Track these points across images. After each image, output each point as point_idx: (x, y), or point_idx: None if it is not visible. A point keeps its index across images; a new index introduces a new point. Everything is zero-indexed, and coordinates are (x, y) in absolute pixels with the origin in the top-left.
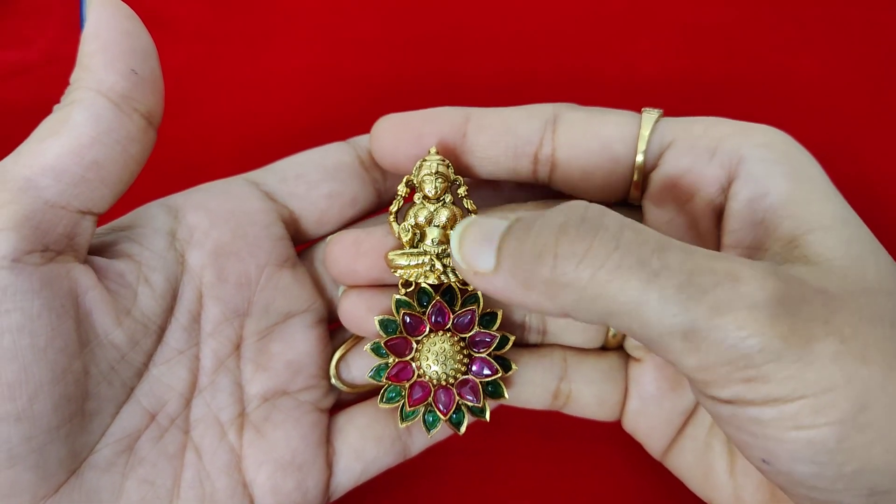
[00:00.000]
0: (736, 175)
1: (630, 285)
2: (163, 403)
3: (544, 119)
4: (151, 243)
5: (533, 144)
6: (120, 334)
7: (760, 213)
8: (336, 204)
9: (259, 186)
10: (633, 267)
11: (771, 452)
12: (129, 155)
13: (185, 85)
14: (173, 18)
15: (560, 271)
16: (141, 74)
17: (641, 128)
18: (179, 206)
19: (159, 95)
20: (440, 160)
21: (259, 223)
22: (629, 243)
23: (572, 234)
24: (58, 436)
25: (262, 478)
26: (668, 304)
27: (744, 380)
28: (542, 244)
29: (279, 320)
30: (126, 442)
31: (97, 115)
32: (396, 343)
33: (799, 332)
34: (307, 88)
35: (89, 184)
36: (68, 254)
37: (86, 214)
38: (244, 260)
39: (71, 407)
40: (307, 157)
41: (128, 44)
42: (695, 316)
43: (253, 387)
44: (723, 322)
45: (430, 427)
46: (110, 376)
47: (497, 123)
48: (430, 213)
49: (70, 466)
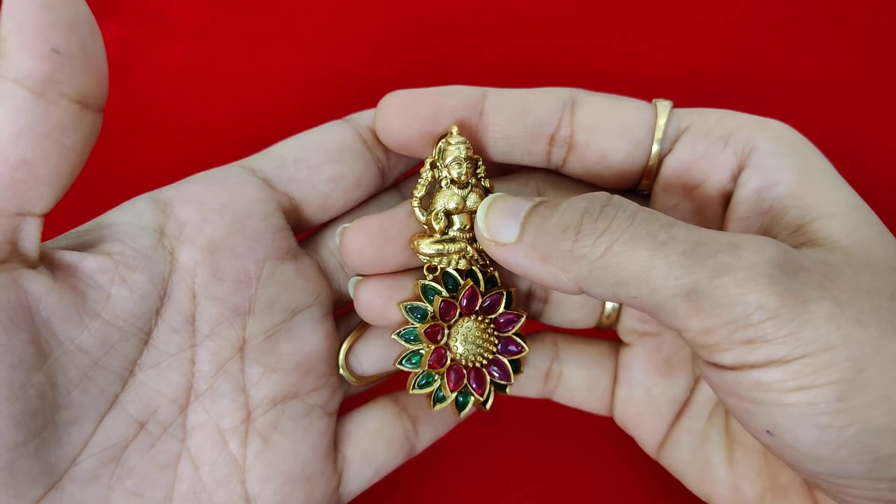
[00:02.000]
0: (747, 164)
1: (640, 254)
2: (152, 410)
3: (562, 101)
4: (134, 241)
5: (551, 125)
6: (88, 338)
7: (768, 203)
8: (340, 188)
9: (256, 173)
10: (644, 238)
11: (774, 420)
12: (64, 147)
13: (185, 84)
14: (173, 18)
15: (580, 244)
16: (66, 52)
17: (658, 116)
18: (169, 200)
19: (94, 72)
20: (463, 141)
21: (257, 215)
22: (642, 221)
23: (596, 214)
24: (26, 451)
25: (268, 492)
26: (672, 268)
27: (745, 341)
28: (566, 222)
29: (286, 317)
30: (112, 452)
31: (16, 108)
32: (433, 330)
33: (795, 292)
34: (307, 87)
35: (21, 185)
36: (14, 261)
37: (25, 216)
38: (242, 255)
39: (37, 421)
40: (307, 138)
41: (47, 18)
42: (698, 277)
43: (260, 391)
44: (723, 282)
45: (461, 408)
46: (84, 384)
47: (515, 103)
48: (461, 199)
49: (46, 481)
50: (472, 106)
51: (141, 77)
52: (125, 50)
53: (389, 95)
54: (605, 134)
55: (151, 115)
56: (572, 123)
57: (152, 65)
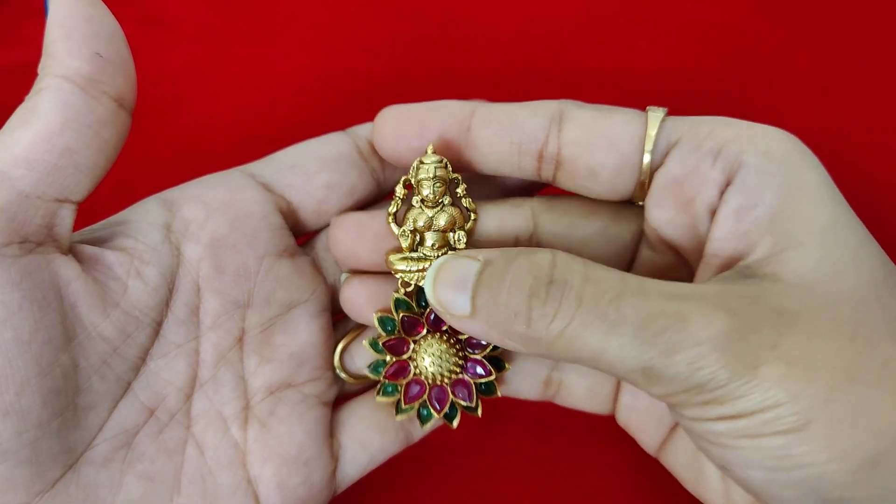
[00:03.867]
0: (732, 181)
1: (593, 338)
2: (161, 398)
3: (550, 116)
4: (145, 237)
5: (538, 142)
6: (109, 327)
7: (745, 226)
8: (334, 194)
9: (256, 178)
10: (594, 322)
11: (727, 459)
12: (103, 139)
13: (186, 84)
14: (174, 18)
15: (533, 330)
16: (107, 57)
17: (648, 127)
18: (175, 200)
19: (129, 78)
20: (437, 161)
21: (256, 213)
22: (590, 298)
23: (542, 296)
24: (49, 430)
25: (267, 473)
26: (626, 349)
27: (701, 403)
28: (515, 305)
29: (281, 311)
30: (124, 437)
31: (65, 101)
32: (394, 343)
33: (745, 360)
34: (308, 87)
35: (63, 171)
36: (49, 244)
37: (63, 203)
38: (242, 251)
39: (61, 401)
40: (305, 147)
41: (91, 28)
42: (650, 357)
43: (257, 380)
44: (674, 361)
45: (424, 421)
46: (102, 370)
47: (503, 119)
48: (428, 219)
49: (65, 461)
50: (460, 121)
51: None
52: None
53: (385, 110)
54: (591, 150)
55: (152, 116)
56: (560, 140)
57: (153, 66)
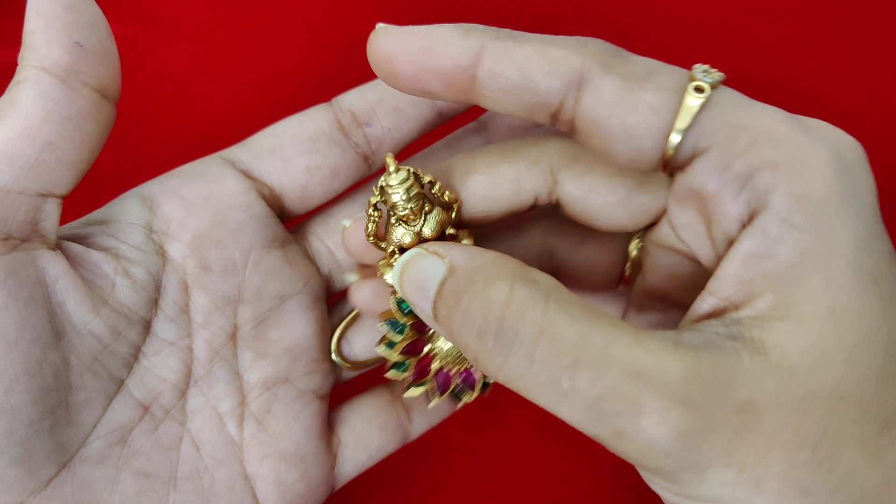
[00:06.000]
0: (753, 220)
1: (542, 399)
2: (156, 395)
3: (569, 79)
4: (127, 237)
5: (552, 106)
6: (99, 324)
7: (751, 275)
8: (316, 178)
9: (236, 164)
10: (545, 385)
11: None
12: (85, 132)
13: (186, 84)
14: (174, 18)
15: (484, 366)
16: (87, 47)
17: (678, 119)
18: (154, 196)
19: (111, 68)
20: (404, 179)
21: (239, 205)
22: (542, 359)
23: (490, 344)
24: (41, 428)
25: (265, 470)
26: (576, 419)
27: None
28: (465, 337)
29: (273, 305)
30: (119, 434)
31: (44, 93)
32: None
33: (694, 461)
34: (308, 87)
35: (45, 165)
36: (34, 240)
37: (47, 197)
38: (227, 246)
39: (52, 399)
40: (284, 127)
41: (71, 16)
42: (600, 434)
43: (252, 375)
44: (623, 447)
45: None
46: (95, 367)
47: (513, 74)
48: (415, 235)
49: (59, 459)
50: (462, 70)
51: (141, 77)
52: (126, 50)
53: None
54: (606, 134)
55: (151, 115)
56: (574, 111)
57: (152, 65)
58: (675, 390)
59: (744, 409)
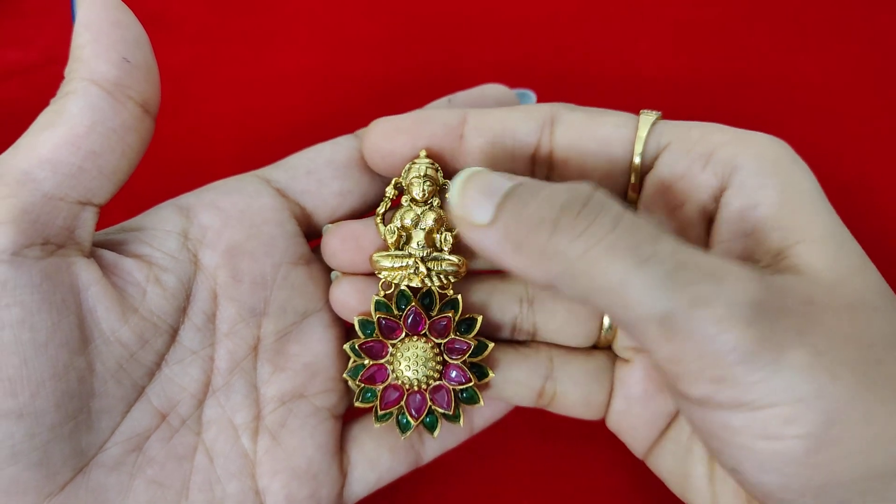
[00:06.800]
0: (728, 184)
1: (619, 266)
2: (174, 404)
3: (542, 120)
4: (163, 244)
5: (530, 146)
6: (127, 332)
7: (750, 224)
8: (347, 202)
9: (271, 183)
10: (626, 249)
11: (740, 461)
12: (127, 144)
13: (188, 84)
14: (176, 19)
15: (555, 241)
16: (133, 63)
17: (639, 129)
18: (191, 206)
19: (154, 84)
20: (429, 163)
21: (272, 221)
22: (627, 227)
23: (575, 211)
24: (61, 433)
25: (276, 486)
26: (650, 289)
27: (713, 379)
28: (543, 213)
29: (297, 320)
30: (135, 441)
31: (91, 105)
32: (371, 346)
33: (773, 338)
34: (309, 87)
35: (87, 174)
36: (70, 247)
37: (85, 205)
38: (259, 259)
39: (74, 404)
40: (317, 152)
41: (118, 34)
42: (675, 304)
43: (269, 389)
44: (700, 314)
45: (404, 430)
46: (119, 375)
47: (494, 125)
48: (416, 216)
49: (76, 465)
50: (451, 130)
51: None
52: None
53: (374, 123)
54: (582, 152)
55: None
56: (551, 142)
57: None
58: (750, 273)
59: (807, 303)
